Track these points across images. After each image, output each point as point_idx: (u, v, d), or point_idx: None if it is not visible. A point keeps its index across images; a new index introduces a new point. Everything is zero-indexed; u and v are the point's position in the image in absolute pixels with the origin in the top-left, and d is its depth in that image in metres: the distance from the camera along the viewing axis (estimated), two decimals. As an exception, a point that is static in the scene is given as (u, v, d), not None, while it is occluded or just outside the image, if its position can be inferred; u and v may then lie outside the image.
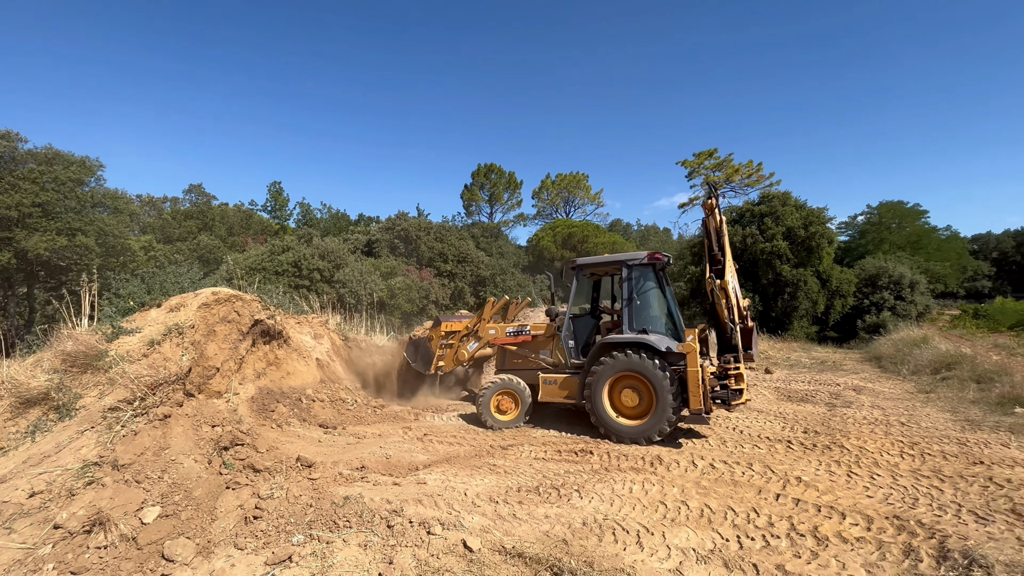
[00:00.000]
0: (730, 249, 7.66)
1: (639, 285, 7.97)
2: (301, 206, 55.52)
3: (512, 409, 8.65)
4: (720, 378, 7.31)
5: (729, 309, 7.42)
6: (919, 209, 44.90)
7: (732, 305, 7.40)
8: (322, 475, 5.15)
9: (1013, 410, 8.51)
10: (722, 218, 7.63)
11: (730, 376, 7.28)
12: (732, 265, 7.64)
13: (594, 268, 8.71)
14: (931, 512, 4.71)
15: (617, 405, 7.61)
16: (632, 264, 7.97)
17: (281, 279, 22.63)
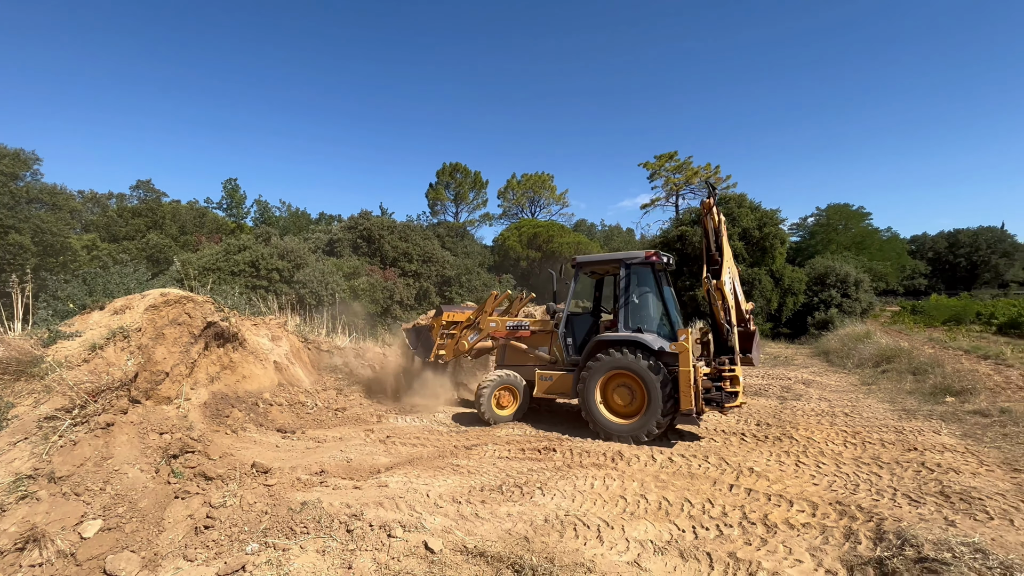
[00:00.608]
0: (730, 250, 7.58)
1: (636, 284, 8.00)
2: (258, 204, 53.67)
3: (511, 404, 8.81)
4: (714, 380, 7.21)
5: (726, 311, 7.28)
6: (863, 211, 47.56)
7: (729, 306, 7.27)
8: (279, 481, 5.01)
9: (944, 399, 9.14)
10: (721, 218, 7.55)
11: (725, 378, 7.18)
12: (731, 266, 7.53)
13: (594, 267, 8.73)
14: (870, 497, 5.00)
15: (610, 403, 7.64)
16: (630, 263, 7.99)
17: (237, 280, 21.80)
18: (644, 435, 7.17)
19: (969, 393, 9.18)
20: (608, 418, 7.54)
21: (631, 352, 7.39)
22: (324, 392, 10.25)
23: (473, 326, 9.84)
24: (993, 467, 5.66)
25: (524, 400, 8.81)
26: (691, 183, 47.08)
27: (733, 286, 7.44)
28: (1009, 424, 7.27)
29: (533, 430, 8.41)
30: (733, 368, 7.16)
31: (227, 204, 52.83)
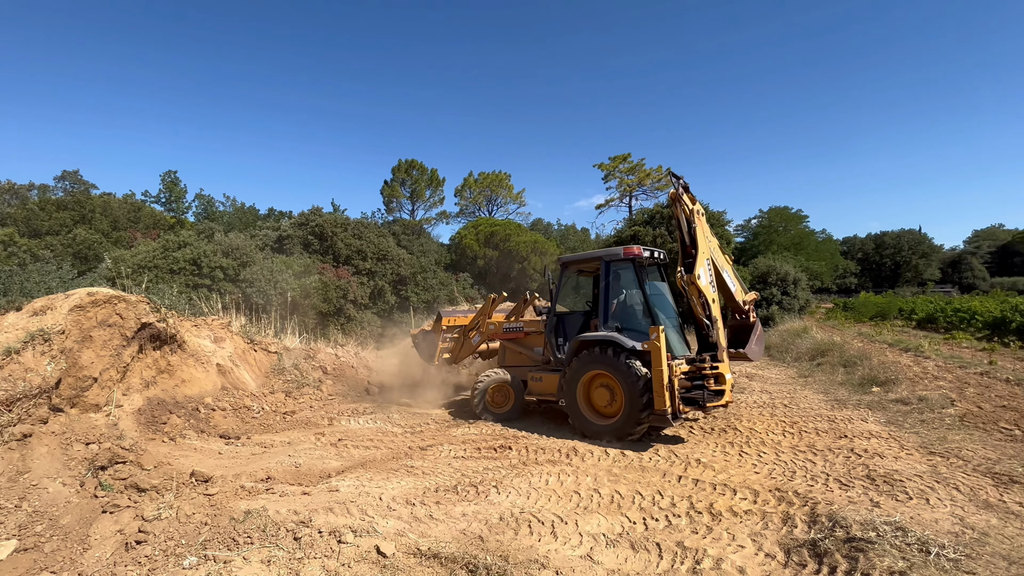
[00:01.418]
0: (705, 241, 7.15)
1: (616, 281, 7.81)
2: (201, 198, 50.81)
3: (505, 403, 8.90)
4: (694, 378, 6.89)
5: (704, 306, 6.91)
6: (801, 214, 50.49)
7: (708, 300, 6.91)
8: (221, 490, 4.76)
9: (871, 389, 9.84)
10: (695, 207, 7.19)
11: (707, 376, 6.84)
12: (713, 257, 7.17)
13: (580, 265, 8.64)
14: (805, 483, 5.31)
15: (593, 403, 7.49)
16: (609, 260, 7.82)
17: (177, 278, 20.55)
18: (624, 436, 6.97)
19: (892, 383, 9.92)
20: (589, 419, 7.39)
21: (607, 351, 7.22)
22: (272, 395, 9.85)
23: (476, 328, 9.94)
24: (912, 451, 6.15)
25: (518, 400, 8.82)
26: (643, 184, 48.45)
27: (715, 278, 7.10)
28: (926, 411, 7.91)
29: (491, 429, 8.41)
30: (716, 365, 6.83)
31: (166, 198, 49.72)
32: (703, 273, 6.89)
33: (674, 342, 7.43)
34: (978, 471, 5.32)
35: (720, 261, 7.44)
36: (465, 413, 9.46)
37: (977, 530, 3.98)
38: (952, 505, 4.53)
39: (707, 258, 7.04)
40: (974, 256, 62.71)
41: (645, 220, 28.54)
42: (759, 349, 7.60)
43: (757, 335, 7.46)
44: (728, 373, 6.93)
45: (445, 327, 10.49)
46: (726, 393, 6.88)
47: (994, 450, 5.95)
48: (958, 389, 9.24)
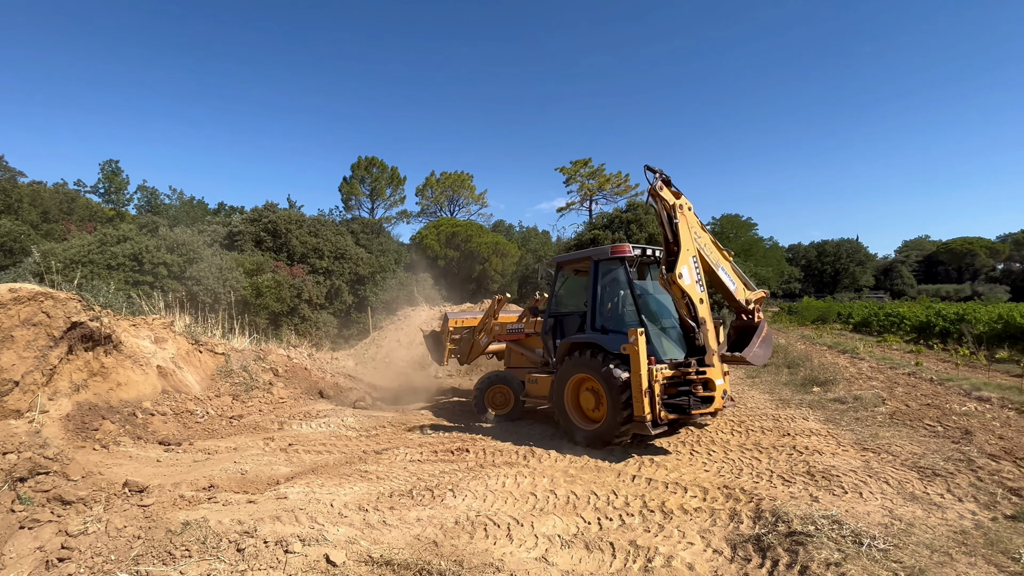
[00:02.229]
0: (690, 238, 6.66)
1: (604, 281, 7.51)
2: (144, 190, 47.98)
3: (504, 404, 8.87)
4: (679, 384, 6.49)
5: (689, 307, 6.50)
6: (751, 222, 52.82)
7: (692, 301, 6.48)
8: (157, 500, 4.48)
9: (812, 389, 10.38)
10: (676, 202, 6.68)
11: (694, 382, 6.42)
12: (696, 255, 6.68)
13: (575, 264, 8.43)
14: (751, 480, 5.53)
15: (581, 407, 7.23)
16: (597, 260, 7.55)
17: (115, 274, 19.30)
18: (607, 442, 6.68)
19: (831, 383, 10.51)
20: (576, 424, 7.13)
21: (589, 354, 6.97)
22: (218, 399, 9.38)
23: (484, 329, 9.85)
24: (848, 447, 6.52)
25: (518, 401, 8.74)
26: (604, 189, 49.41)
27: (703, 277, 6.67)
28: (860, 409, 8.41)
29: (448, 431, 8.32)
30: (703, 370, 6.41)
31: (105, 189, 46.60)
32: (686, 272, 6.45)
33: (664, 345, 7.06)
34: (905, 465, 5.69)
35: (715, 257, 7.01)
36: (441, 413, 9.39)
37: (904, 521, 4.26)
38: (883, 498, 4.83)
39: (692, 255, 6.58)
40: (903, 265, 67.46)
41: (605, 224, 29.08)
42: (763, 352, 6.97)
43: (761, 337, 6.92)
44: (719, 378, 6.50)
45: (451, 328, 10.47)
46: (715, 400, 6.41)
47: (919, 445, 6.40)
48: (889, 388, 9.89)
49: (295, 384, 11.30)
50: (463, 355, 10.40)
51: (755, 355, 6.87)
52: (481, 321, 9.98)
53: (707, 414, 6.61)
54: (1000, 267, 64.88)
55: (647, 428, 6.17)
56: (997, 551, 3.71)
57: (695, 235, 6.80)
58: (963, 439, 6.49)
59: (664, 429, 6.31)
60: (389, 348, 19.18)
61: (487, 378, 9.11)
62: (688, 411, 6.37)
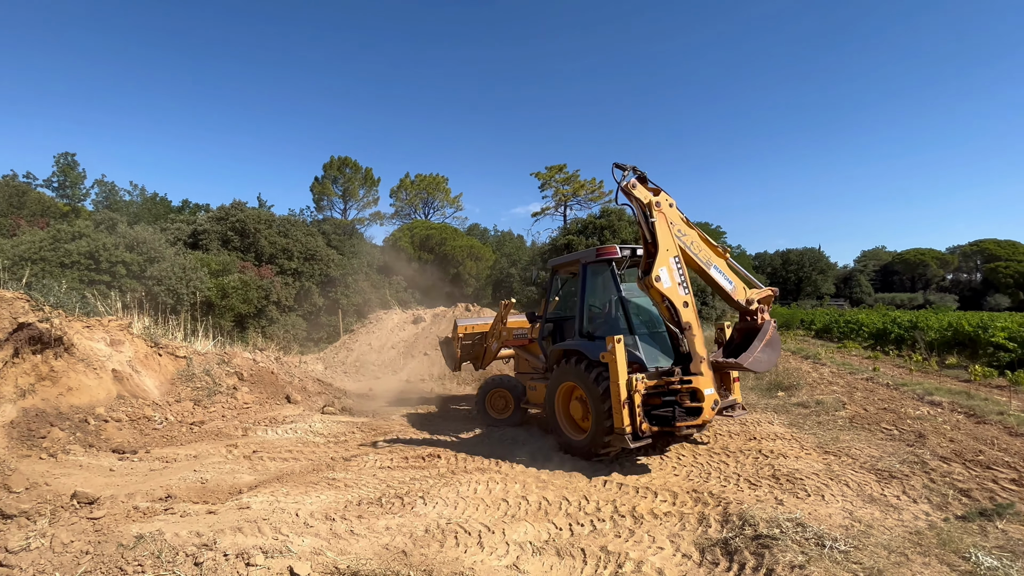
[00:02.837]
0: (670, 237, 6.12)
1: (593, 284, 7.27)
2: (102, 185, 45.86)
3: (504, 409, 8.84)
4: (664, 394, 6.05)
5: (670, 311, 6.02)
6: (720, 231, 54.22)
7: (674, 305, 5.97)
8: (108, 512, 4.25)
9: (776, 394, 10.68)
10: (654, 199, 6.14)
11: (680, 391, 5.96)
12: (678, 255, 6.13)
13: (569, 267, 8.15)
14: (719, 483, 5.63)
15: (572, 416, 6.92)
16: (586, 262, 7.27)
17: (68, 273, 18.38)
18: (592, 455, 6.39)
19: (794, 388, 10.84)
20: (566, 433, 6.85)
21: (575, 361, 6.70)
22: (178, 404, 9.01)
23: (494, 335, 9.71)
24: (811, 450, 6.71)
25: (517, 406, 8.68)
26: (578, 195, 49.88)
27: (687, 278, 6.15)
28: (822, 413, 8.70)
29: (420, 436, 8.20)
30: (689, 379, 5.92)
31: (59, 183, 44.36)
32: (665, 274, 5.93)
33: (656, 352, 6.73)
34: (864, 468, 5.90)
35: (705, 255, 6.51)
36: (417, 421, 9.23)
37: (863, 523, 4.40)
38: (843, 500, 4.98)
39: (674, 256, 6.05)
40: (862, 273, 70.40)
41: (579, 230, 29.40)
42: (767, 358, 6.24)
43: (764, 340, 6.26)
44: (708, 388, 5.90)
45: (461, 335, 10.40)
46: (703, 411, 5.85)
47: (877, 448, 6.64)
48: (848, 393, 10.27)
49: (261, 389, 10.94)
50: (477, 361, 10.36)
51: (756, 361, 6.15)
52: (491, 326, 9.93)
53: (694, 427, 6.05)
54: (950, 277, 68.44)
55: (626, 441, 5.78)
56: (949, 551, 3.87)
57: (678, 233, 6.27)
58: (917, 442, 6.78)
59: (646, 442, 5.88)
60: (360, 352, 18.84)
61: (488, 382, 9.10)
62: (673, 423, 5.90)
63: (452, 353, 10.67)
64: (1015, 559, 3.72)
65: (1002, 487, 5.17)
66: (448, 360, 11.04)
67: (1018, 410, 8.34)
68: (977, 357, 15.27)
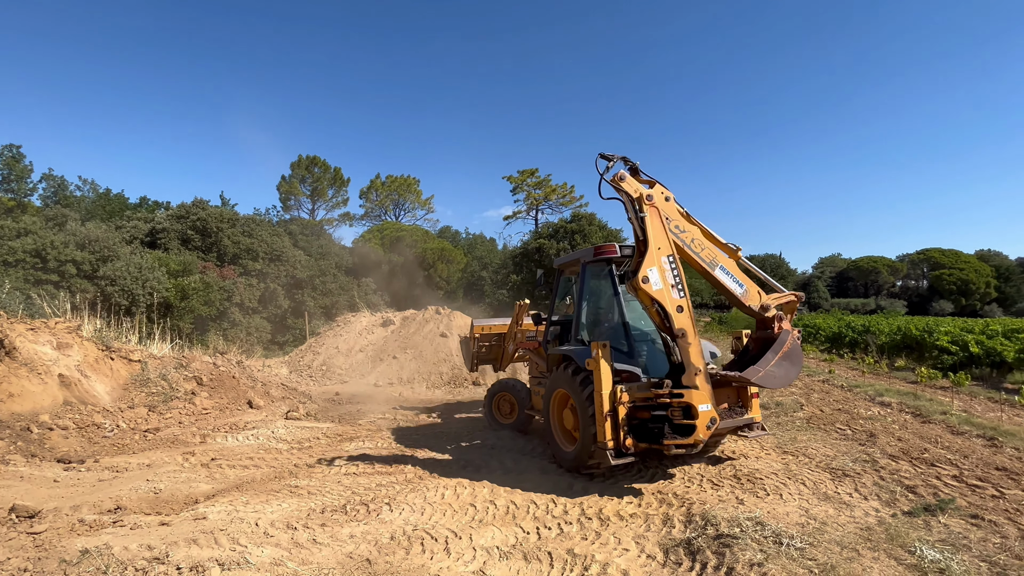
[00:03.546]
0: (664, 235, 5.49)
1: (590, 286, 6.95)
2: (50, 179, 43.45)
3: (511, 413, 8.83)
4: (654, 408, 5.41)
5: (661, 316, 5.33)
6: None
7: (665, 310, 5.28)
8: (51, 526, 4.01)
9: (740, 396, 11.00)
10: (646, 192, 5.54)
11: (670, 406, 5.30)
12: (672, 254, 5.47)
13: (571, 268, 7.72)
14: (683, 484, 5.75)
15: (565, 425, 6.51)
16: (585, 261, 6.90)
17: (12, 272, 17.35)
18: (578, 468, 6.00)
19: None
20: (558, 443, 6.52)
21: (564, 367, 6.31)
22: (131, 410, 8.60)
23: (511, 336, 9.65)
24: (770, 451, 6.94)
25: (521, 411, 8.60)
26: (549, 199, 50.30)
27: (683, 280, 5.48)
28: (782, 415, 9.01)
29: (387, 442, 8.07)
30: (680, 392, 5.22)
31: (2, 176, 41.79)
32: (654, 275, 5.27)
33: (658, 360, 6.18)
34: (820, 467, 6.13)
35: (709, 255, 5.84)
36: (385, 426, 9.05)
37: (818, 520, 4.57)
38: (800, 499, 5.16)
39: (667, 255, 5.42)
40: (819, 280, 73.34)
41: (550, 233, 29.63)
42: (782, 373, 5.36)
43: (781, 353, 5.42)
44: (704, 404, 5.16)
45: (478, 335, 10.39)
46: (697, 429, 5.13)
47: (832, 448, 6.92)
48: (806, 395, 10.67)
49: (221, 394, 10.56)
50: (496, 361, 10.29)
51: (767, 376, 5.28)
52: (508, 327, 9.86)
53: (685, 446, 5.22)
54: (899, 284, 72.12)
55: (608, 457, 5.33)
56: (896, 545, 4.06)
57: (676, 229, 5.66)
58: (868, 441, 7.10)
59: (629, 460, 5.42)
60: (327, 355, 18.45)
61: (495, 385, 9.11)
62: (660, 441, 5.27)
63: (469, 353, 10.67)
64: (956, 551, 3.93)
65: (944, 483, 5.46)
66: (466, 360, 11.03)
67: (959, 410, 8.85)
68: (923, 360, 16.13)
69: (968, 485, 5.38)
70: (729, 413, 5.90)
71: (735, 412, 5.93)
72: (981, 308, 59.66)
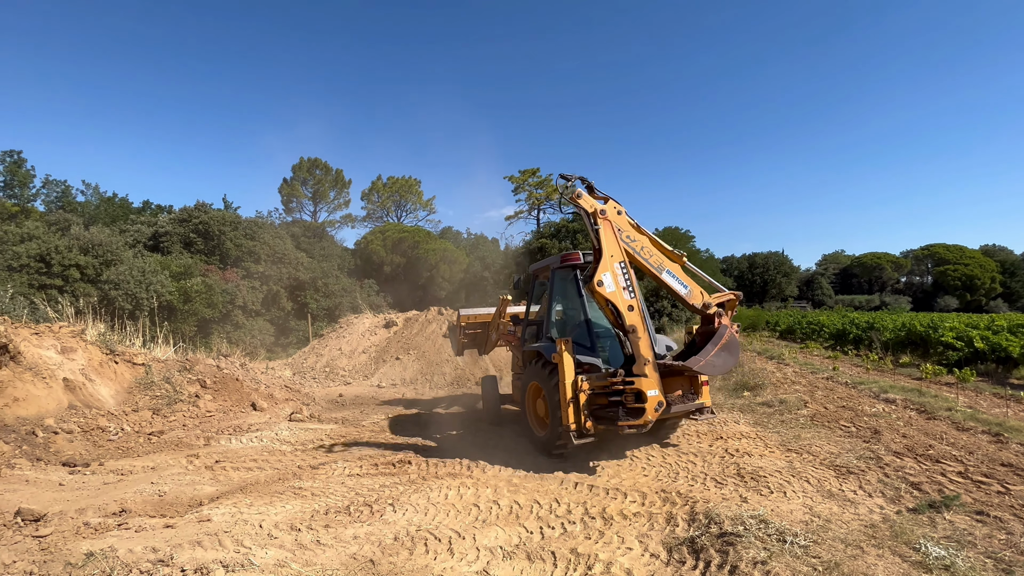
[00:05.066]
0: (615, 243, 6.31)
1: (559, 289, 7.75)
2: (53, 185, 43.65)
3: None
4: (611, 394, 6.16)
5: (614, 314, 6.19)
6: (689, 235, 55.48)
7: (620, 309, 6.07)
8: (56, 529, 4.03)
9: (743, 393, 10.97)
10: (600, 207, 6.41)
11: (623, 392, 6.02)
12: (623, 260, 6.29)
13: (545, 273, 8.36)
14: (687, 483, 5.74)
15: (538, 414, 7.48)
16: (554, 268, 7.77)
17: (16, 276, 17.45)
18: (549, 451, 6.81)
19: (760, 388, 11.15)
20: (534, 430, 7.41)
21: (535, 362, 7.27)
22: (135, 413, 8.64)
23: (494, 326, 10.28)
24: (774, 448, 6.92)
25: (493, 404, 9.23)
26: (551, 199, 50.24)
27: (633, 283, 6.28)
28: (785, 412, 8.98)
29: (391, 442, 8.08)
30: (631, 380, 5.99)
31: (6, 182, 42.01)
32: (608, 278, 6.10)
33: (616, 353, 7.00)
34: (824, 464, 6.11)
35: (656, 260, 6.66)
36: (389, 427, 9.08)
37: (822, 518, 4.56)
38: (804, 496, 5.15)
39: (619, 261, 6.23)
40: (823, 276, 73.10)
41: (552, 233, 29.61)
42: (720, 362, 6.19)
43: (719, 345, 6.25)
44: (652, 390, 5.92)
45: (464, 324, 11.14)
46: (646, 412, 5.89)
47: (836, 445, 6.90)
48: (810, 392, 10.63)
49: (225, 396, 10.59)
50: (481, 346, 11.12)
51: (708, 364, 6.08)
52: (492, 318, 10.52)
53: (636, 427, 5.97)
54: (903, 280, 71.81)
55: (571, 438, 6.11)
56: (901, 542, 4.04)
57: (628, 239, 6.51)
58: (873, 438, 7.07)
59: (589, 440, 6.21)
60: (330, 357, 18.47)
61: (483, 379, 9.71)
62: (615, 423, 6.00)
63: (457, 340, 11.44)
64: (960, 548, 3.91)
65: (950, 480, 5.44)
66: (453, 345, 11.91)
67: (964, 406, 8.81)
68: (928, 356, 16.05)
69: (973, 481, 5.36)
70: (682, 399, 6.66)
71: (688, 398, 6.68)
72: (986, 304, 59.38)
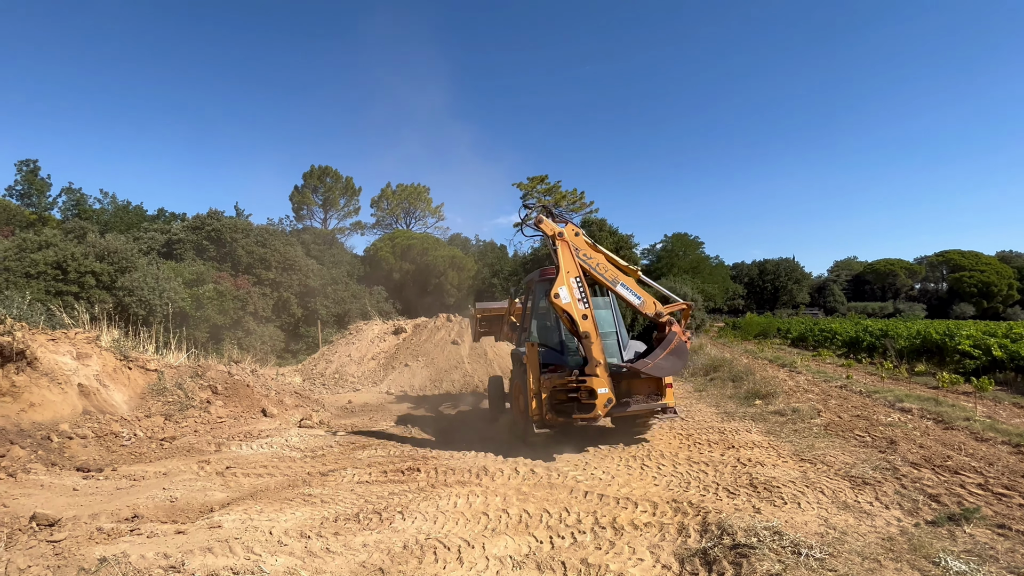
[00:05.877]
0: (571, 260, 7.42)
1: (538, 300, 8.97)
2: (69, 193, 44.50)
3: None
4: (569, 392, 7.18)
5: (571, 322, 7.15)
6: (698, 241, 55.22)
7: (574, 318, 7.06)
8: (70, 534, 4.07)
9: (754, 402, 10.84)
10: (558, 231, 7.61)
11: (578, 390, 7.07)
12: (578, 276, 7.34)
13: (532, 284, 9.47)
14: (698, 493, 5.67)
15: (520, 407, 8.36)
16: (536, 281, 9.02)
17: (34, 283, 17.75)
18: (522, 437, 8.02)
19: (772, 396, 11.01)
20: (517, 421, 8.44)
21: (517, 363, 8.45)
22: (148, 419, 8.73)
23: (506, 321, 11.45)
24: (787, 458, 6.82)
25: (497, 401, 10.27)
26: (559, 206, 50.27)
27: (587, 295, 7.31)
28: (798, 421, 8.85)
29: (399, 450, 8.08)
30: (583, 379, 7.06)
31: (23, 191, 42.89)
32: (564, 292, 7.13)
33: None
34: (839, 475, 6.00)
35: (611, 275, 7.76)
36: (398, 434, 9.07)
37: (838, 530, 4.47)
38: (818, 507, 5.05)
39: (574, 276, 7.29)
40: (835, 283, 72.30)
41: (560, 240, 29.56)
42: (668, 365, 7.32)
43: (668, 349, 7.30)
44: (602, 388, 6.97)
45: (480, 316, 12.46)
46: (596, 407, 6.95)
47: (851, 455, 6.77)
48: (823, 401, 10.47)
49: (236, 402, 10.67)
50: (496, 334, 12.35)
51: (656, 367, 7.20)
52: (504, 313, 11.73)
53: (588, 419, 7.08)
54: (918, 287, 70.75)
55: (532, 427, 7.53)
56: (920, 556, 3.95)
57: (584, 257, 7.63)
58: (889, 448, 6.93)
59: (547, 430, 7.69)
60: (340, 363, 18.56)
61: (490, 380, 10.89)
62: (569, 415, 7.14)
63: (475, 328, 12.74)
64: (982, 563, 3.81)
65: (969, 492, 5.31)
66: (473, 334, 13.17)
67: (983, 416, 8.62)
68: (944, 364, 15.77)
69: (994, 494, 5.23)
70: (647, 399, 7.65)
71: (652, 398, 7.65)
72: (1004, 311, 58.30)
